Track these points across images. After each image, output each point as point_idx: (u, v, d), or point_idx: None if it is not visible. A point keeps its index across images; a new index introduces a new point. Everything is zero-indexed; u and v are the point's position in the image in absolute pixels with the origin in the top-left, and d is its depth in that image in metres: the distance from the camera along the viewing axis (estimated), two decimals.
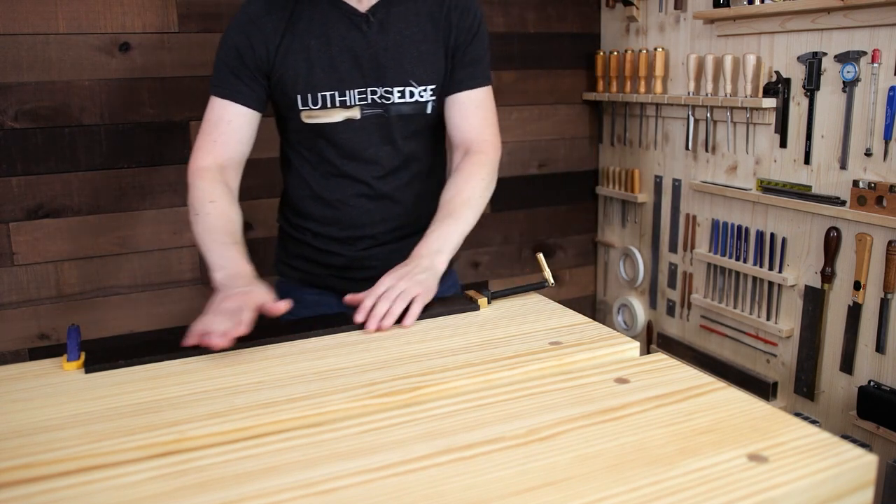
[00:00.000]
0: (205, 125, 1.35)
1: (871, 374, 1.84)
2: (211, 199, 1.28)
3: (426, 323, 1.17)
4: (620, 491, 0.68)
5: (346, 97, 1.34)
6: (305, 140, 1.40)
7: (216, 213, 1.27)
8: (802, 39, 1.92)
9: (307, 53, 1.32)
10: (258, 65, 1.32)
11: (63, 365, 1.01)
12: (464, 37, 1.40)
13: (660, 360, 1.00)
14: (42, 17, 1.87)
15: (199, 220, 1.27)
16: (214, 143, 1.33)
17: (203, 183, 1.30)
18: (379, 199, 1.43)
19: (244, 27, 1.32)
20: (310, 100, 1.34)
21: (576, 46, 2.61)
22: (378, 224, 1.44)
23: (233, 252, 1.21)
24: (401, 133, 1.40)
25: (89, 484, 0.71)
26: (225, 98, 1.33)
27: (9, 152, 1.90)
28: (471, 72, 1.41)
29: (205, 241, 1.24)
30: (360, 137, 1.38)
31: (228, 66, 1.33)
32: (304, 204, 1.44)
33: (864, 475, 0.73)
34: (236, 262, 1.20)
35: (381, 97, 1.36)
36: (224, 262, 1.20)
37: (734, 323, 2.23)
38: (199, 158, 1.33)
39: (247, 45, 1.32)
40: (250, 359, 1.03)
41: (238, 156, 1.36)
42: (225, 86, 1.33)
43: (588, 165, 2.72)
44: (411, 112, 1.39)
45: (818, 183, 1.92)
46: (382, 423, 0.82)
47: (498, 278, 2.64)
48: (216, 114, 1.34)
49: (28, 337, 2.00)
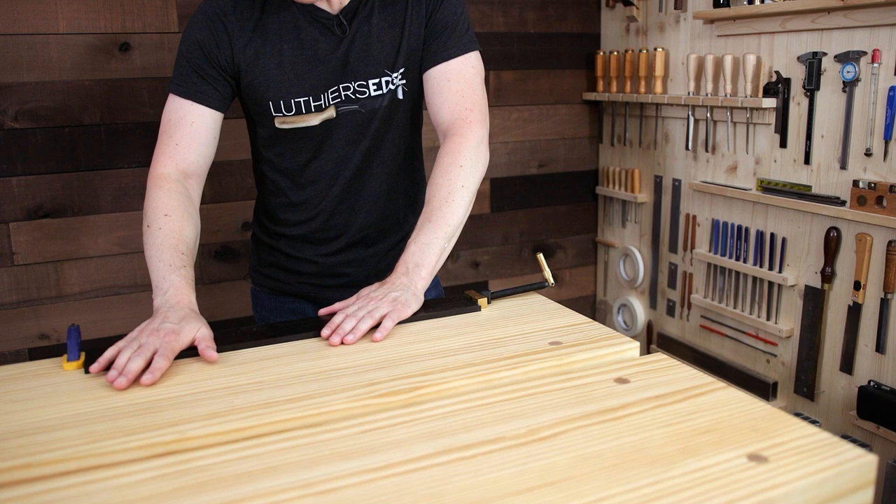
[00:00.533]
0: (165, 126, 1.27)
1: (871, 374, 1.84)
2: (165, 213, 1.19)
3: (426, 323, 1.17)
4: (620, 491, 0.68)
5: (320, 101, 1.30)
6: (278, 144, 1.34)
7: (168, 230, 1.18)
8: (802, 39, 1.92)
9: (279, 58, 1.26)
10: (223, 64, 1.26)
11: (63, 365, 1.01)
12: (430, 6, 1.31)
13: (660, 360, 1.00)
14: (42, 17, 1.87)
15: (149, 234, 1.18)
16: (177, 146, 1.25)
17: (160, 192, 1.21)
18: (349, 196, 1.39)
19: (209, 23, 1.25)
20: (282, 106, 1.29)
21: (576, 46, 2.61)
22: (351, 223, 1.40)
23: (176, 277, 1.12)
24: (376, 126, 1.34)
25: (89, 484, 0.71)
26: (186, 98, 1.25)
27: (9, 152, 1.90)
28: (443, 41, 1.30)
29: (151, 258, 1.16)
30: (338, 136, 1.33)
31: (191, 63, 1.25)
32: (280, 211, 1.40)
33: (864, 475, 0.73)
34: (178, 289, 1.11)
35: (354, 92, 1.31)
36: (165, 287, 1.11)
37: (734, 323, 2.23)
38: (160, 164, 1.25)
39: (212, 42, 1.25)
40: (250, 359, 1.03)
41: (202, 160, 1.28)
42: (187, 84, 1.25)
43: (588, 165, 2.72)
44: (385, 103, 1.34)
45: (818, 183, 1.92)
46: (382, 423, 0.82)
47: (498, 278, 2.64)
48: (177, 114, 1.26)
49: (28, 337, 2.00)
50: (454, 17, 1.31)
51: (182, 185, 1.24)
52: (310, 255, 1.43)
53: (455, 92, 1.30)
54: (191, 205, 1.24)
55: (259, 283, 1.50)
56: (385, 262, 1.46)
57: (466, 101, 1.31)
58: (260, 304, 1.51)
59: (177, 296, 1.10)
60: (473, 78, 1.32)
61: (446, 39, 1.30)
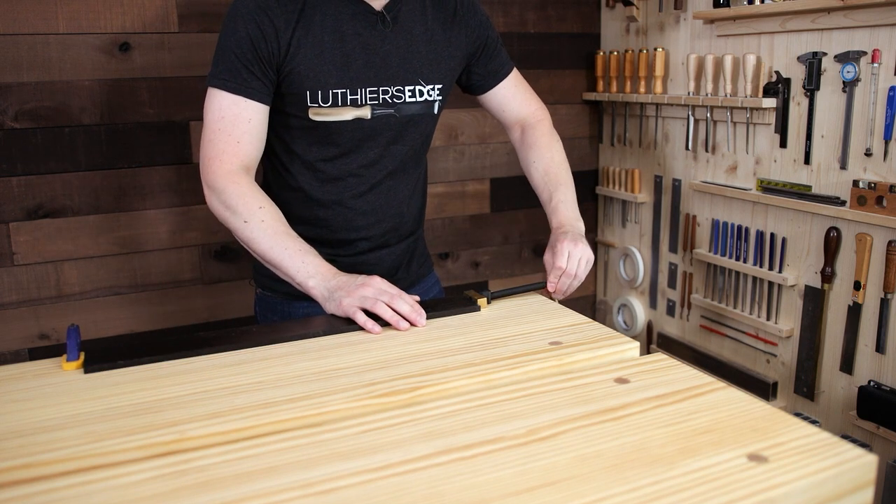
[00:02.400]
0: (219, 123, 1.25)
1: (871, 374, 1.84)
2: (259, 206, 1.24)
3: (426, 323, 1.17)
4: (620, 491, 0.68)
5: (357, 96, 1.31)
6: (306, 138, 1.34)
7: (270, 220, 1.23)
8: (802, 39, 1.92)
9: (320, 49, 1.27)
10: (270, 58, 1.25)
11: (63, 365, 1.01)
12: (478, 32, 1.44)
13: (660, 360, 1.00)
14: (42, 17, 1.87)
15: (253, 228, 1.23)
16: (238, 143, 1.26)
17: (242, 188, 1.24)
18: (375, 200, 1.41)
19: (255, 17, 1.24)
20: (320, 96, 1.29)
21: (576, 46, 2.61)
22: (373, 226, 1.42)
23: (311, 257, 1.22)
24: (408, 134, 1.39)
25: (89, 484, 0.71)
26: (239, 94, 1.25)
27: (9, 152, 1.90)
28: (500, 62, 1.50)
29: (273, 248, 1.22)
30: (368, 137, 1.35)
31: (240, 58, 1.24)
32: (294, 207, 1.39)
33: (864, 475, 0.73)
34: (321, 265, 1.22)
35: (392, 97, 1.34)
36: (313, 271, 1.21)
37: (734, 323, 2.23)
38: (226, 161, 1.25)
39: (259, 35, 1.23)
40: (250, 359, 1.03)
41: (260, 154, 1.31)
42: (237, 80, 1.24)
43: (588, 165, 2.72)
44: (420, 112, 1.38)
45: (818, 183, 1.92)
46: (382, 423, 0.82)
47: (498, 278, 2.64)
48: (231, 111, 1.25)
49: (28, 337, 2.00)
50: (497, 38, 1.50)
51: (251, 178, 1.29)
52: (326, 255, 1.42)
53: (524, 95, 1.56)
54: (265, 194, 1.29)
55: (269, 288, 1.46)
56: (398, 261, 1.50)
57: (533, 99, 1.57)
58: (270, 310, 1.48)
59: (327, 269, 1.22)
60: (525, 81, 1.58)
61: (500, 58, 1.50)
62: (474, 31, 1.43)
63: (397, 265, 1.50)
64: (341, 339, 1.11)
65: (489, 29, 1.47)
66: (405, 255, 1.51)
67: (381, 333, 1.12)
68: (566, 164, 1.52)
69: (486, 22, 1.46)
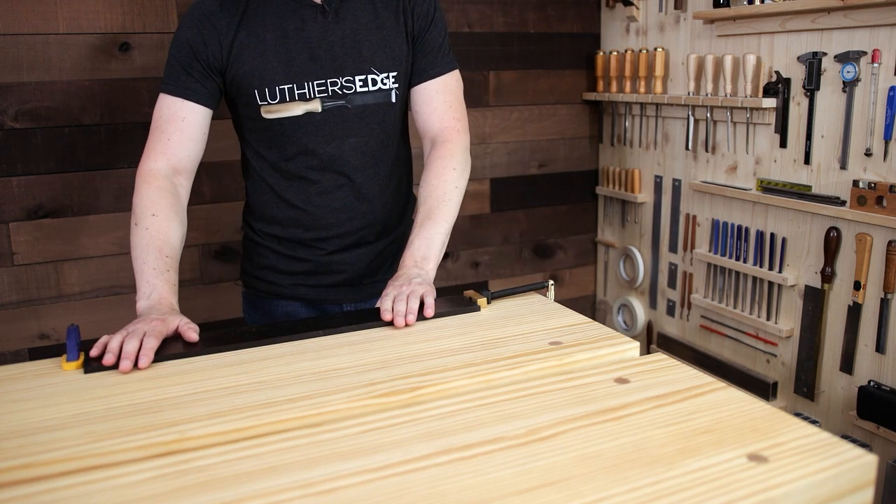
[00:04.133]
0: (156, 123, 1.30)
1: (871, 374, 1.84)
2: (153, 212, 1.23)
3: (426, 323, 1.17)
4: (620, 491, 0.68)
5: (304, 89, 1.32)
6: (265, 139, 1.36)
7: (154, 230, 1.22)
8: (802, 39, 1.92)
9: (263, 48, 1.30)
10: (211, 61, 1.29)
11: (62, 365, 1.01)
12: (421, 23, 1.39)
13: (660, 360, 1.00)
14: (42, 17, 1.87)
15: (136, 233, 1.22)
16: (168, 141, 1.29)
17: (149, 190, 1.25)
18: (343, 197, 1.40)
19: (197, 23, 1.29)
20: (267, 94, 1.31)
21: (576, 46, 2.61)
22: (344, 223, 1.41)
23: (159, 282, 1.18)
24: (364, 125, 1.37)
25: (89, 484, 0.71)
26: (177, 95, 1.29)
27: (9, 152, 1.90)
28: (431, 60, 1.40)
29: (137, 259, 1.21)
30: (323, 131, 1.35)
31: (181, 62, 1.29)
32: (268, 208, 1.41)
33: (864, 475, 0.73)
34: (161, 293, 1.17)
35: (341, 87, 1.34)
36: (149, 292, 1.17)
37: (734, 323, 2.23)
38: (151, 159, 1.28)
39: (199, 41, 1.28)
40: (250, 359, 1.03)
41: (192, 156, 1.32)
42: (177, 83, 1.29)
43: (588, 165, 2.72)
44: (374, 101, 1.36)
45: (818, 183, 1.92)
46: (382, 423, 0.82)
47: (498, 278, 2.64)
48: (168, 111, 1.29)
49: (28, 337, 2.00)
50: (441, 38, 1.41)
51: (171, 183, 1.29)
52: (303, 254, 1.43)
53: (444, 103, 1.42)
54: (178, 204, 1.29)
55: (251, 286, 1.49)
56: (379, 260, 1.48)
57: (454, 111, 1.42)
58: (253, 308, 1.51)
59: (160, 300, 1.16)
60: (458, 92, 1.44)
61: (435, 58, 1.40)
62: (418, 19, 1.39)
63: (378, 265, 1.48)
64: (341, 339, 1.11)
65: (435, 24, 1.40)
66: (386, 254, 1.49)
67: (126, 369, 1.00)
68: (452, 194, 1.36)
69: (431, 14, 1.40)
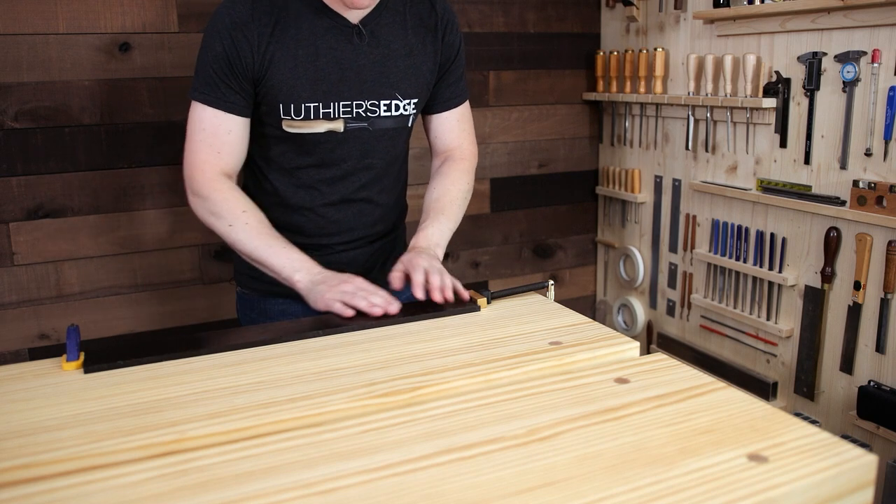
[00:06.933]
0: (201, 135, 1.31)
1: (871, 374, 1.84)
2: (242, 209, 1.31)
3: (426, 323, 1.17)
4: (620, 491, 0.68)
5: (329, 109, 1.33)
6: (280, 147, 1.37)
7: (254, 222, 1.31)
8: (802, 39, 1.92)
9: (294, 63, 1.29)
10: (246, 73, 1.29)
11: (62, 365, 1.01)
12: (448, 53, 1.43)
13: (660, 360, 1.00)
14: (42, 17, 1.87)
15: (238, 230, 1.30)
16: (219, 154, 1.32)
17: (223, 195, 1.31)
18: (348, 210, 1.43)
19: (230, 32, 1.27)
20: (293, 110, 1.31)
21: (576, 46, 2.61)
22: (344, 233, 1.45)
23: (297, 254, 1.29)
24: (381, 146, 1.40)
25: (89, 484, 0.71)
26: (218, 108, 1.30)
27: (9, 152, 1.90)
28: (454, 90, 1.48)
29: (258, 249, 1.29)
30: (341, 150, 1.37)
31: (218, 73, 1.29)
32: (271, 211, 1.41)
33: (864, 475, 0.73)
34: (309, 263, 1.29)
35: (366, 110, 1.36)
36: (297, 266, 1.27)
37: (734, 323, 2.23)
38: (207, 170, 1.32)
39: (234, 53, 1.27)
40: (250, 359, 1.03)
41: (241, 159, 1.36)
42: (216, 94, 1.29)
43: (588, 165, 2.72)
44: (394, 126, 1.39)
45: (818, 183, 1.92)
46: (382, 423, 0.82)
47: (498, 278, 2.64)
48: (211, 123, 1.31)
49: (28, 337, 2.00)
50: (462, 68, 1.49)
51: (233, 184, 1.35)
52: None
53: (462, 130, 1.53)
54: (248, 197, 1.35)
55: (247, 286, 1.50)
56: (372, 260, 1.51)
57: (470, 136, 1.55)
58: (249, 307, 1.52)
59: (311, 265, 1.29)
60: (470, 118, 1.56)
61: (456, 87, 1.49)
62: (447, 48, 1.43)
63: (372, 265, 1.50)
64: (341, 339, 1.11)
65: (460, 54, 1.46)
66: (380, 253, 1.52)
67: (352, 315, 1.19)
68: (461, 202, 1.46)
69: (458, 45, 1.45)
